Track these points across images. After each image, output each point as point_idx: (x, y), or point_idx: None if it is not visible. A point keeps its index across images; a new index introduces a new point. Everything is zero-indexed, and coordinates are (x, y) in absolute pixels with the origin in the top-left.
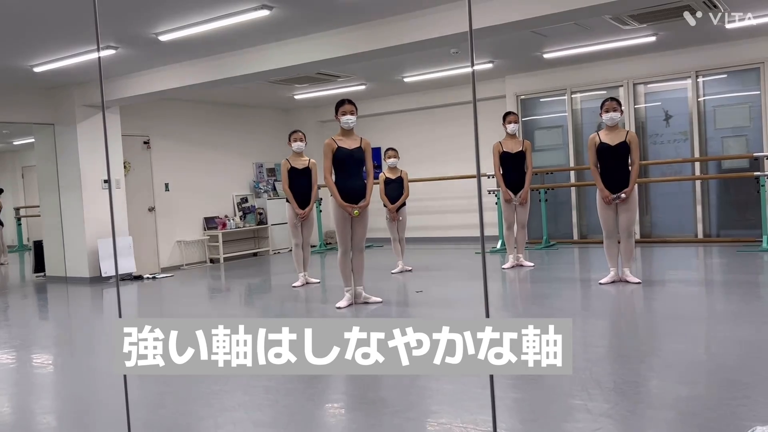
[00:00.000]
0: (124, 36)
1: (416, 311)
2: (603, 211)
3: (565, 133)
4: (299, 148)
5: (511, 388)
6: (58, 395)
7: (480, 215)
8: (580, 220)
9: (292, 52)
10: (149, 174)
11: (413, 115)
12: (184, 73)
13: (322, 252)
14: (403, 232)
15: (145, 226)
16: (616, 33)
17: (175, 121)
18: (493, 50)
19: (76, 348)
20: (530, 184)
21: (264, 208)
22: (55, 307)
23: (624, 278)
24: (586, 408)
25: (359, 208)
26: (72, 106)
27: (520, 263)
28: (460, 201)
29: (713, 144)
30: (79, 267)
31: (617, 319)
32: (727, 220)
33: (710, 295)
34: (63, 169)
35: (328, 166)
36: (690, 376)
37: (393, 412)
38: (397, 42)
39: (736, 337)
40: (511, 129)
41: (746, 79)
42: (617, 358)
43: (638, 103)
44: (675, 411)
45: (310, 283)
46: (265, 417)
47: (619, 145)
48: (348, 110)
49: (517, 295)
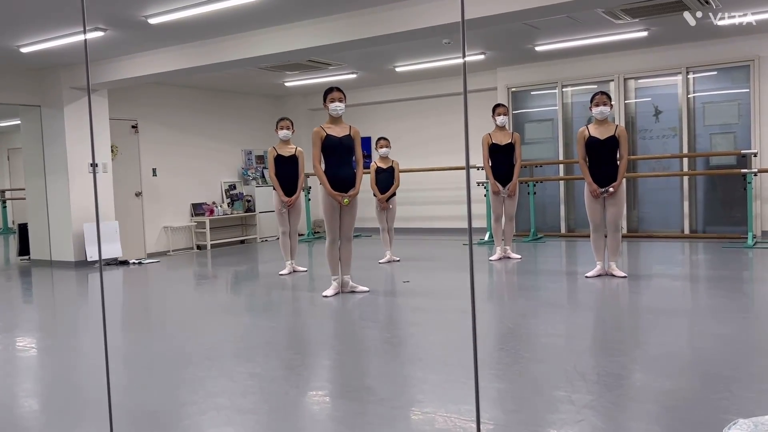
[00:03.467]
0: (113, 18)
1: (403, 301)
2: (590, 205)
3: (555, 127)
4: (286, 136)
5: (496, 378)
6: (41, 379)
7: (468, 207)
8: (568, 213)
9: (282, 39)
10: (137, 158)
11: (404, 105)
12: (173, 57)
13: (310, 241)
14: (392, 222)
15: (131, 211)
16: (608, 27)
17: (164, 106)
18: (485, 42)
19: (59, 332)
20: (519, 176)
21: (252, 195)
22: (39, 290)
23: (610, 272)
24: (569, 399)
25: (348, 196)
26: (59, 89)
27: (508, 255)
28: (449, 192)
29: (702, 140)
30: (65, 251)
31: (602, 312)
32: (713, 217)
33: (695, 290)
34: (49, 151)
35: (317, 154)
36: (673, 370)
37: (378, 401)
38: (389, 31)
39: (719, 332)
40: (500, 121)
41: (736, 77)
42: (601, 351)
43: (628, 98)
44: (658, 404)
45: (297, 271)
46: (248, 403)
47: (608, 139)
48: (336, 97)
49: (503, 287)
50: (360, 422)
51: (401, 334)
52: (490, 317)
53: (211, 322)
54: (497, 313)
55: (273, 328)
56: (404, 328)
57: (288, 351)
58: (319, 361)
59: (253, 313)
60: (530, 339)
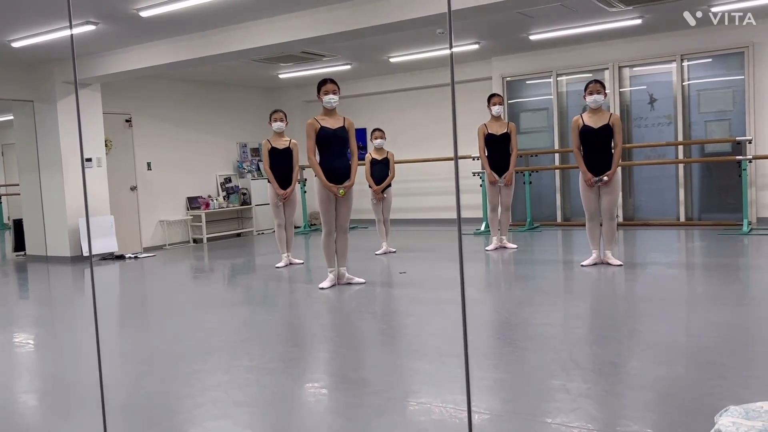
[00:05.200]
0: (104, 11)
1: (399, 292)
2: (585, 194)
3: (550, 116)
4: (279, 128)
5: (491, 368)
6: (37, 375)
7: (457, 197)
8: (564, 202)
9: (276, 30)
10: (131, 153)
11: (398, 96)
12: (166, 50)
13: (306, 233)
14: (388, 214)
15: (127, 205)
16: (602, 15)
17: (158, 99)
18: (479, 31)
19: (55, 327)
20: (515, 166)
21: (248, 188)
22: (35, 286)
23: (606, 260)
24: (565, 388)
25: (344, 188)
26: (52, 83)
27: (504, 245)
28: (444, 183)
29: (697, 128)
30: (60, 246)
31: (598, 300)
32: (708, 204)
33: (690, 277)
34: (43, 146)
35: (312, 146)
36: (668, 357)
37: (373, 392)
38: (382, 21)
39: (714, 319)
40: (495, 111)
41: (730, 64)
42: (597, 339)
43: (623, 86)
44: (652, 391)
45: (294, 263)
46: (245, 397)
47: (602, 127)
48: (330, 89)
49: (499, 276)
50: (356, 413)
51: (397, 325)
52: (486, 307)
53: (207, 316)
54: (493, 302)
55: (269, 320)
56: (400, 319)
57: (284, 343)
58: (316, 353)
59: (249, 305)
60: (526, 328)
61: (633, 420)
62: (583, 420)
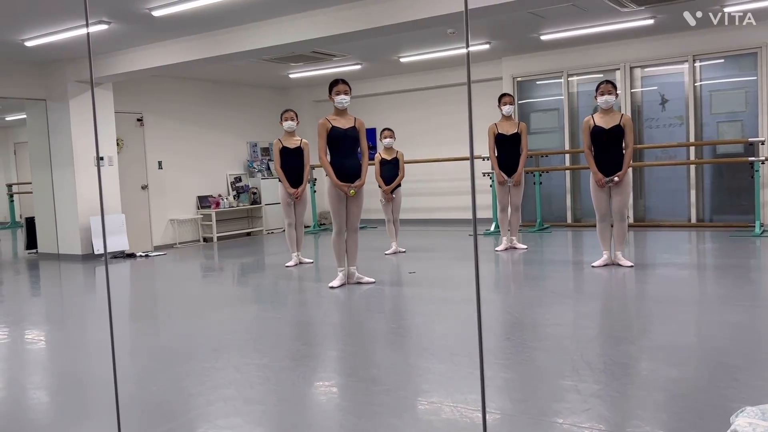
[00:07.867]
0: (116, 11)
1: (409, 292)
2: (596, 194)
3: (560, 116)
4: (290, 127)
5: (502, 368)
6: (50, 371)
7: (473, 197)
8: (574, 203)
9: (286, 30)
10: (142, 151)
11: (409, 96)
12: (177, 50)
13: (316, 232)
14: (398, 214)
15: (138, 204)
16: (614, 15)
17: (169, 99)
18: (490, 31)
19: (67, 324)
20: (525, 166)
21: (258, 187)
22: (47, 283)
23: (617, 261)
24: (576, 389)
25: (355, 187)
26: (64, 82)
27: (514, 246)
28: (454, 183)
29: (708, 129)
30: (72, 244)
31: (609, 301)
32: (720, 205)
33: (702, 279)
34: (55, 145)
35: (323, 146)
36: (680, 358)
37: (384, 391)
38: (393, 21)
39: (726, 321)
40: (506, 111)
41: (743, 64)
42: (608, 340)
43: (635, 86)
44: (664, 392)
45: (304, 263)
46: (256, 394)
47: (613, 128)
48: (342, 90)
49: (509, 277)
50: (367, 412)
51: (407, 324)
52: (497, 307)
53: (217, 314)
54: (503, 303)
55: (280, 319)
56: (410, 319)
57: (295, 342)
58: (326, 351)
59: (259, 304)
60: (536, 328)
61: (644, 421)
62: (594, 421)
